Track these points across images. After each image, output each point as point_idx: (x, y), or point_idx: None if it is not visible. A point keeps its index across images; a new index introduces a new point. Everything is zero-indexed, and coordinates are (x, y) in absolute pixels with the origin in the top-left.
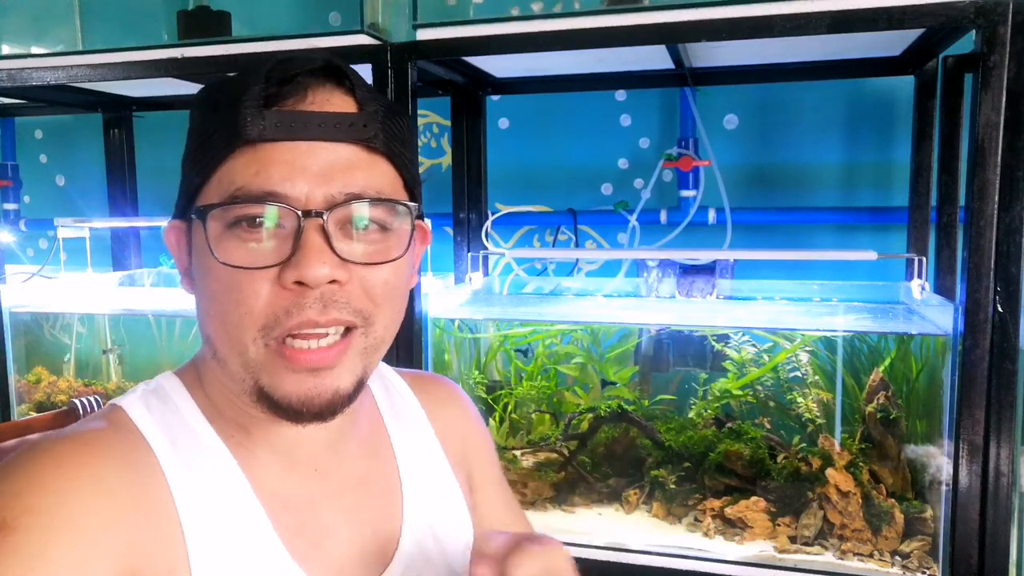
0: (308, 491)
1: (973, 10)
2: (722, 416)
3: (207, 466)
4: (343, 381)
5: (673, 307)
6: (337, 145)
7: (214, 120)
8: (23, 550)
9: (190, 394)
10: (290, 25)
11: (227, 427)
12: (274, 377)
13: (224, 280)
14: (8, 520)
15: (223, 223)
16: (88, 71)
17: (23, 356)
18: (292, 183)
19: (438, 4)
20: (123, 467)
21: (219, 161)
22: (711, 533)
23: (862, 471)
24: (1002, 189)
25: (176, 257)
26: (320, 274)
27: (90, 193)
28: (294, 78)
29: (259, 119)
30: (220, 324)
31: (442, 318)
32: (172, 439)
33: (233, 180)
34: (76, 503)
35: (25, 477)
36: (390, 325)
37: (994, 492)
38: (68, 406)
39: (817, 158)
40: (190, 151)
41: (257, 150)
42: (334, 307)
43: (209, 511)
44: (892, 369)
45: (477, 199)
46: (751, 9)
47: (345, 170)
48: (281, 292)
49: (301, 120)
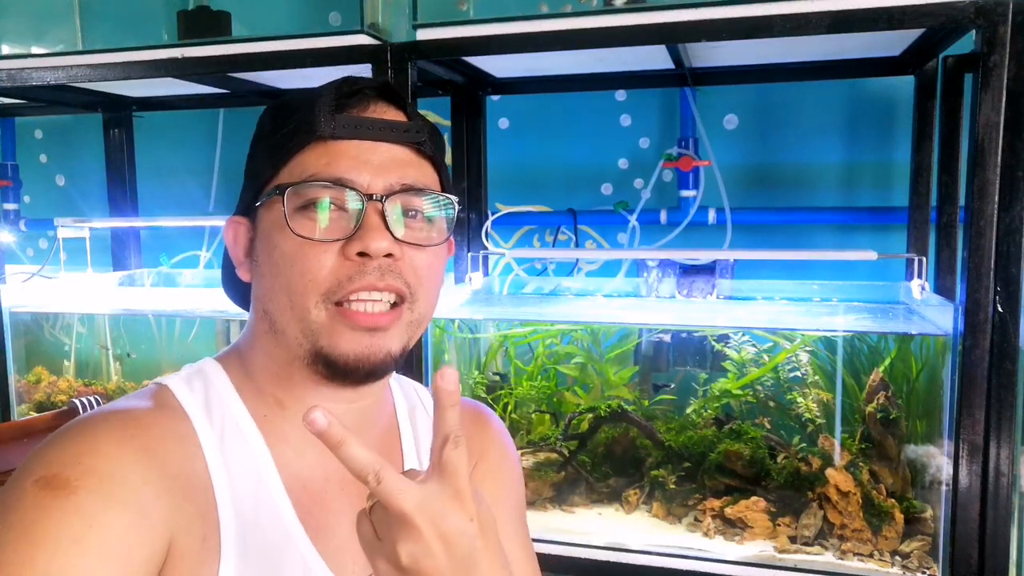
0: (323, 472)
1: (973, 10)
2: (722, 416)
3: (239, 442)
4: (394, 344)
5: (673, 307)
6: (393, 146)
7: (289, 122)
8: (85, 508)
9: (228, 376)
10: (290, 25)
11: (261, 405)
12: (334, 336)
13: (290, 253)
14: (71, 479)
15: (294, 205)
16: (88, 71)
17: (23, 356)
18: (358, 172)
19: (438, 4)
20: (168, 442)
21: (293, 154)
22: (711, 533)
23: (862, 471)
24: (1002, 189)
25: (232, 249)
26: (380, 246)
27: (90, 193)
28: (360, 91)
29: (331, 120)
30: (284, 293)
31: (442, 318)
32: (210, 417)
33: (306, 168)
34: (130, 474)
35: (85, 442)
36: (430, 303)
37: (994, 492)
38: (68, 406)
39: (817, 158)
40: (261, 150)
41: (328, 146)
42: (390, 275)
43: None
44: (892, 369)
45: (477, 199)
46: (751, 9)
47: (400, 166)
48: (344, 263)
49: (365, 124)
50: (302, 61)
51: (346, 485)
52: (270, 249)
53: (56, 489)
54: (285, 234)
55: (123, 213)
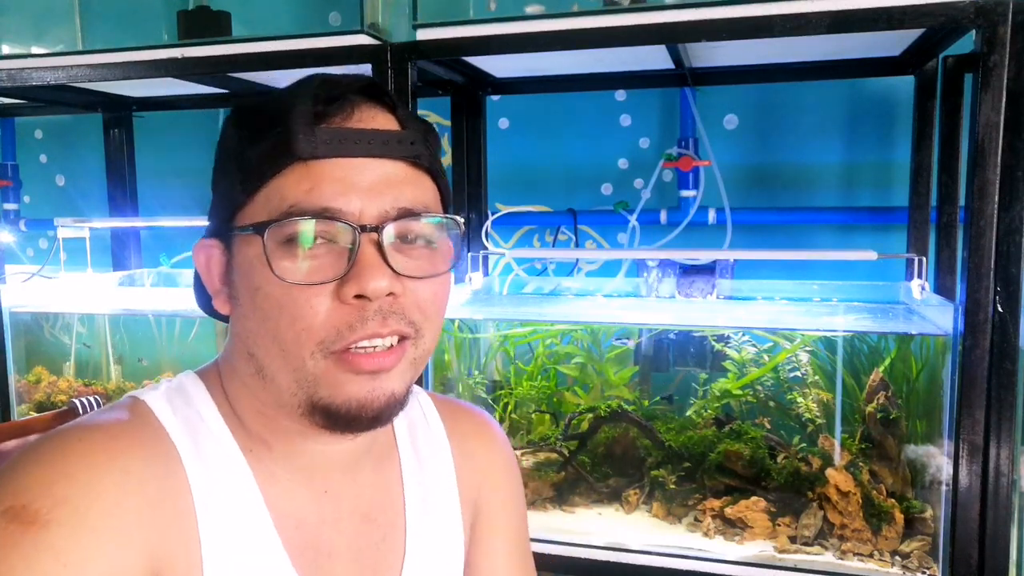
0: (317, 511)
1: (973, 10)
2: (722, 416)
3: (225, 470)
4: (398, 386)
5: (673, 307)
6: (385, 162)
7: (260, 138)
8: (57, 545)
9: (213, 400)
10: (290, 25)
11: (248, 439)
12: (334, 387)
13: (277, 297)
14: (41, 512)
15: (275, 241)
16: (88, 71)
17: (23, 356)
18: (346, 199)
19: (438, 4)
20: (149, 462)
21: (267, 178)
22: (711, 533)
23: (862, 471)
24: (1002, 189)
25: (205, 277)
26: (380, 287)
27: (90, 193)
28: (340, 96)
29: (311, 136)
30: (272, 342)
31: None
32: (194, 440)
33: (284, 197)
34: (107, 498)
35: (56, 467)
36: (435, 337)
37: (994, 492)
38: (68, 406)
39: (817, 158)
40: (229, 170)
41: (309, 167)
42: (393, 318)
43: (223, 517)
44: (892, 369)
45: (477, 199)
46: (751, 9)
47: (395, 185)
48: (341, 307)
49: (351, 137)
50: (302, 61)
51: (342, 526)
52: (252, 290)
53: (26, 524)
54: (268, 276)
55: (123, 213)
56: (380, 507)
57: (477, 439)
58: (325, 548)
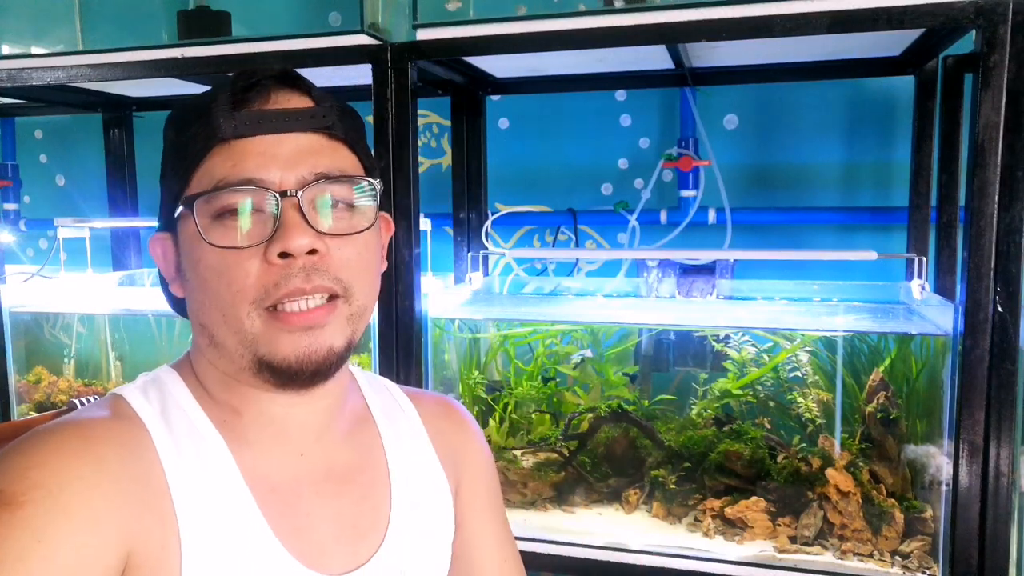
0: (293, 475)
1: (973, 10)
2: (722, 416)
3: (199, 450)
4: (336, 340)
5: (673, 307)
6: (300, 135)
7: (189, 129)
8: (31, 523)
9: (185, 384)
10: (290, 25)
11: (220, 412)
12: (271, 343)
13: (214, 265)
14: (17, 494)
15: (208, 216)
16: (88, 71)
17: (23, 356)
18: (267, 170)
19: (438, 4)
20: (123, 452)
21: (198, 162)
22: (711, 533)
23: (862, 471)
24: (1002, 189)
25: (163, 267)
26: (301, 244)
27: (90, 193)
28: (257, 84)
29: (231, 119)
30: (215, 307)
31: (442, 318)
32: (168, 425)
33: (213, 175)
34: (80, 484)
35: (32, 457)
36: (369, 294)
37: (994, 492)
38: (68, 406)
39: (817, 158)
40: (168, 164)
41: (232, 146)
42: (316, 275)
43: (200, 492)
44: (892, 369)
45: (477, 199)
46: (751, 9)
47: (311, 154)
48: (268, 268)
49: (268, 117)
50: (302, 61)
51: (319, 485)
52: (194, 263)
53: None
54: (204, 246)
55: (123, 213)
56: (359, 468)
57: (448, 421)
58: (303, 509)
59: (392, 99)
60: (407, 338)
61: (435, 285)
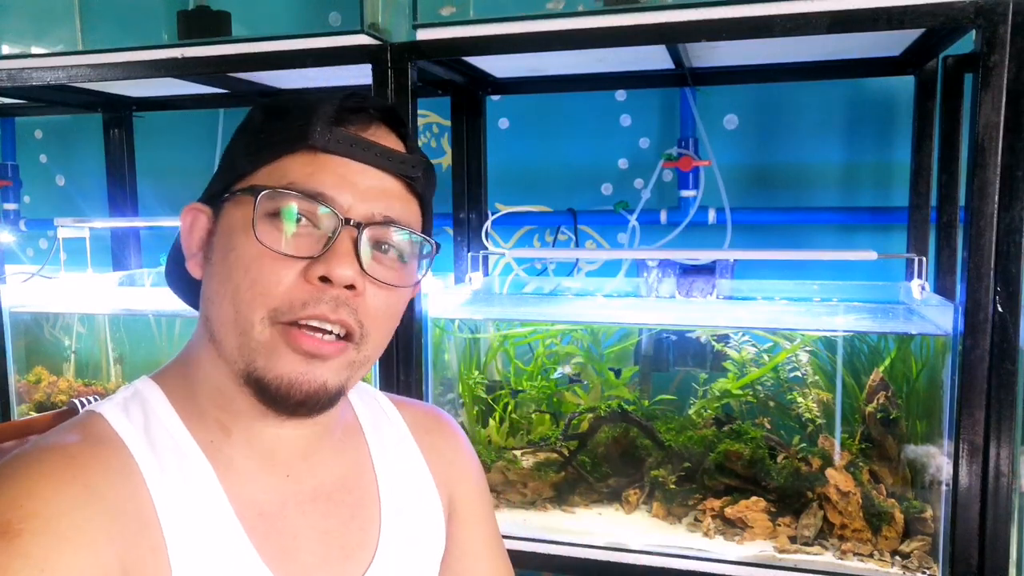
0: (280, 496)
1: (973, 10)
2: (722, 416)
3: (184, 471)
4: (331, 378)
5: (673, 307)
6: (385, 175)
7: (281, 123)
8: (30, 552)
9: (168, 399)
10: (290, 25)
11: (206, 430)
12: (271, 358)
13: (248, 260)
14: (13, 523)
15: (264, 210)
16: (88, 71)
17: (23, 356)
18: (340, 192)
19: (438, 4)
20: (110, 478)
21: (276, 156)
22: (711, 533)
23: (862, 471)
24: (1002, 189)
25: (186, 239)
26: (345, 275)
27: (90, 193)
28: (363, 110)
29: (327, 131)
30: (229, 301)
31: (442, 318)
32: (151, 444)
33: (285, 174)
34: (74, 512)
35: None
36: (378, 347)
37: (994, 492)
38: (68, 406)
39: (817, 158)
40: (243, 143)
41: (317, 157)
42: (344, 310)
43: (186, 515)
44: (892, 369)
45: (477, 199)
46: (751, 9)
47: (388, 197)
48: (302, 285)
49: (361, 144)
50: (302, 61)
51: (305, 506)
52: (227, 249)
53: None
54: (248, 238)
55: (123, 213)
56: (347, 487)
57: (439, 434)
58: (290, 531)
59: (392, 99)
60: (407, 338)
61: (435, 285)
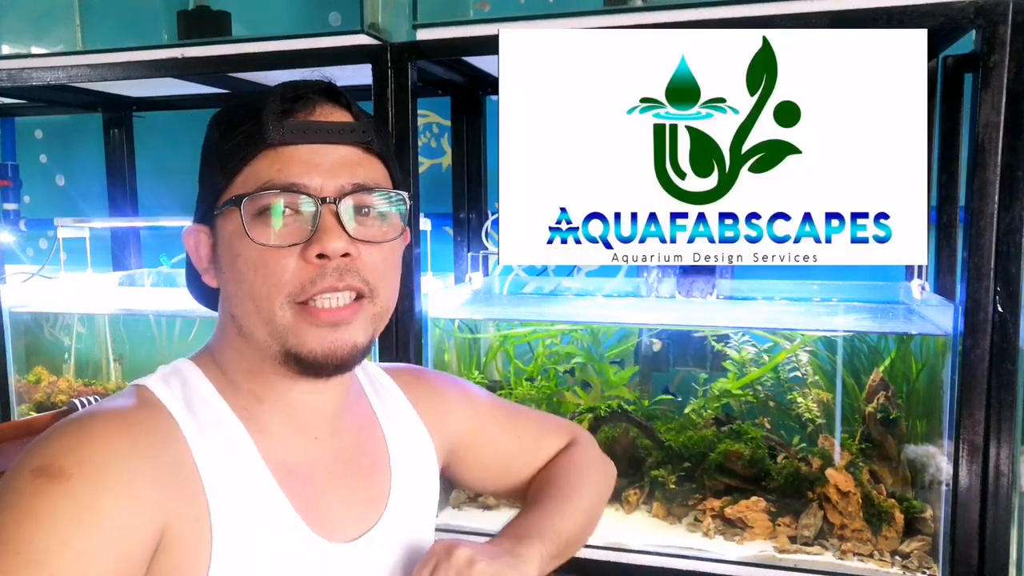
0: (308, 456)
1: (973, 10)
2: (722, 416)
3: (222, 435)
4: (359, 336)
5: (673, 307)
6: (341, 147)
7: (236, 132)
8: (80, 493)
9: (205, 375)
10: (290, 25)
11: (240, 400)
12: (300, 336)
13: (253, 260)
14: (65, 467)
15: (251, 214)
16: (88, 71)
17: (23, 356)
18: (310, 176)
19: (438, 4)
20: (154, 437)
21: (244, 163)
22: (711, 533)
23: (862, 471)
24: (1002, 189)
25: (195, 258)
26: (337, 247)
27: (90, 193)
28: (303, 96)
29: (279, 127)
30: (249, 298)
31: (442, 318)
32: (192, 413)
33: (259, 176)
34: (122, 463)
35: (78, 437)
36: (391, 296)
37: (994, 492)
38: (68, 406)
39: None
40: (212, 161)
41: (278, 152)
42: (348, 275)
43: (226, 475)
44: (892, 369)
45: (477, 199)
46: (751, 9)
47: (350, 166)
48: (305, 266)
49: (313, 127)
50: (302, 61)
51: (331, 466)
52: (232, 257)
53: (52, 476)
54: (246, 242)
55: (123, 213)
56: (362, 447)
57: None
58: (318, 488)
59: (392, 99)
60: (407, 338)
61: (435, 285)
